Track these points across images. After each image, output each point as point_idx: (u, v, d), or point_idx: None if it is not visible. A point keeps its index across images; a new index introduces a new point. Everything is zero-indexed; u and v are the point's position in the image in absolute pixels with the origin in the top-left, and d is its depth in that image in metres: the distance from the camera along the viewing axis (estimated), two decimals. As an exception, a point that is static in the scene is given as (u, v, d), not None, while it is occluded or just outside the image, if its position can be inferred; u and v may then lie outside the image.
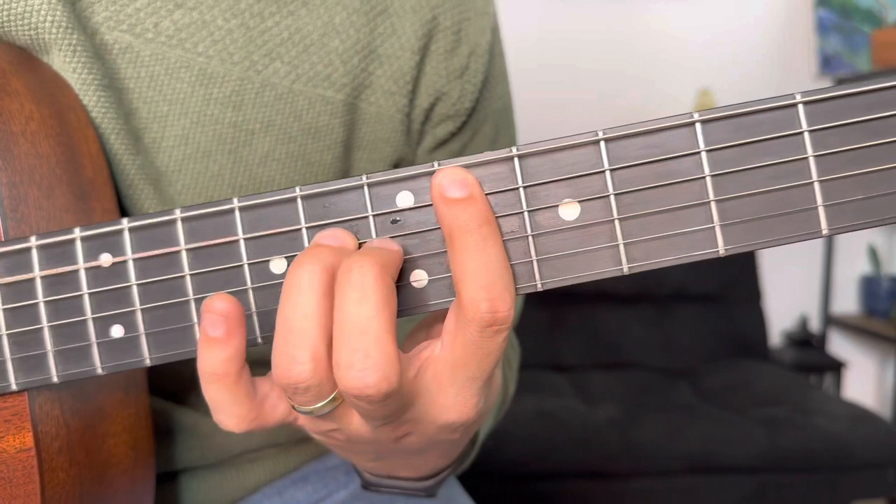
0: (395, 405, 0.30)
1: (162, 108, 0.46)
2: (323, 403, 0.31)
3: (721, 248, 0.28)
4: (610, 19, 2.53)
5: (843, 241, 2.68)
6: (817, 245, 2.70)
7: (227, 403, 0.33)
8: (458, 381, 0.31)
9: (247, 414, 0.33)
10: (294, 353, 0.29)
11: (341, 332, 0.28)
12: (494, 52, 0.57)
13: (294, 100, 0.48)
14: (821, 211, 0.28)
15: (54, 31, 0.42)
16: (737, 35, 2.57)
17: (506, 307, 0.29)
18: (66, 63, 0.43)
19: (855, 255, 2.68)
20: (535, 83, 2.37)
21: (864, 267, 2.69)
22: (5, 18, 0.42)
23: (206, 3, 0.46)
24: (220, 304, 0.31)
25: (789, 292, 2.68)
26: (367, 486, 0.45)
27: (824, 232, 0.28)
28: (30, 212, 0.39)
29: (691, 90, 2.58)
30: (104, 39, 0.44)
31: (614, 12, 2.53)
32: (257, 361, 0.50)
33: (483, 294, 0.29)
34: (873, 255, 2.61)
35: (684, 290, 2.45)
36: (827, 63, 2.61)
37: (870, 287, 2.64)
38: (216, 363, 0.31)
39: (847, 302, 2.73)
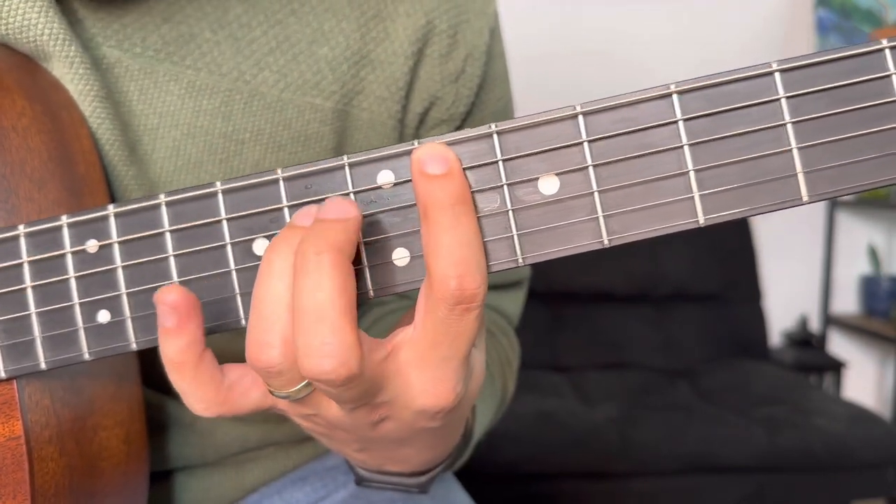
0: (362, 388, 0.30)
1: (152, 121, 0.46)
2: (298, 388, 0.32)
3: (701, 219, 0.28)
4: (609, 18, 2.53)
5: (843, 240, 2.68)
6: (817, 245, 2.69)
7: (190, 389, 0.33)
8: (432, 363, 0.31)
9: (213, 398, 0.33)
10: (265, 337, 0.30)
11: (300, 319, 0.28)
12: (493, 54, 0.56)
13: (283, 108, 0.48)
14: (801, 178, 0.27)
15: (52, 43, 0.42)
16: (737, 35, 2.57)
17: (475, 284, 0.29)
18: (65, 73, 0.43)
19: (855, 255, 2.68)
20: (534, 80, 2.37)
21: (863, 267, 2.69)
22: (5, 31, 0.42)
23: (193, 17, 0.46)
24: (169, 295, 0.31)
25: (789, 292, 2.67)
26: (360, 481, 0.45)
27: (805, 199, 0.27)
28: (21, 203, 0.39)
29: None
30: (95, 54, 0.44)
31: (614, 11, 2.53)
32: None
33: (453, 271, 0.29)
34: (873, 255, 2.61)
35: (684, 290, 2.45)
36: (826, 63, 2.62)
37: (870, 287, 2.63)
38: (173, 352, 0.32)
39: (847, 302, 2.73)
